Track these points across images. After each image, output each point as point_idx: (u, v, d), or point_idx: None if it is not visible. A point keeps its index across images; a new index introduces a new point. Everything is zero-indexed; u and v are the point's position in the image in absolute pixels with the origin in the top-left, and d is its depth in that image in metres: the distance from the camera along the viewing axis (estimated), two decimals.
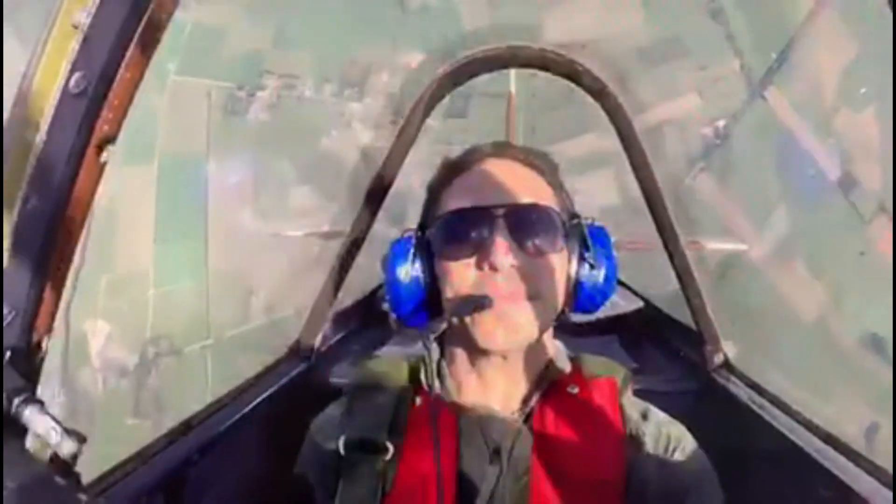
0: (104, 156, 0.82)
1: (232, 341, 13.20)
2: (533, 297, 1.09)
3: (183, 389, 12.91)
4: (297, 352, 2.06)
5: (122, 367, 13.07)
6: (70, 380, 12.68)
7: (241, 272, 13.68)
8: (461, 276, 1.10)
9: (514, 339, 1.09)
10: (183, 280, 13.77)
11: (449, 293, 1.12)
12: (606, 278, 1.17)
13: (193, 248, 13.86)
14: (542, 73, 1.61)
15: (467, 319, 1.08)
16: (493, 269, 1.07)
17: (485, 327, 1.07)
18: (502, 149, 1.23)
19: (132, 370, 13.07)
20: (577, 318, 1.22)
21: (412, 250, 1.17)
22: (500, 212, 1.10)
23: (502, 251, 1.06)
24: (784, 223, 13.05)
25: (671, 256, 1.87)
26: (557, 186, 1.22)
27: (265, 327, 12.92)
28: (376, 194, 1.80)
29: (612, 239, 1.21)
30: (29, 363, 0.82)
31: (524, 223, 1.11)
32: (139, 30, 0.78)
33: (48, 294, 0.83)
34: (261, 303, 13.41)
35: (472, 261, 1.09)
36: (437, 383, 1.18)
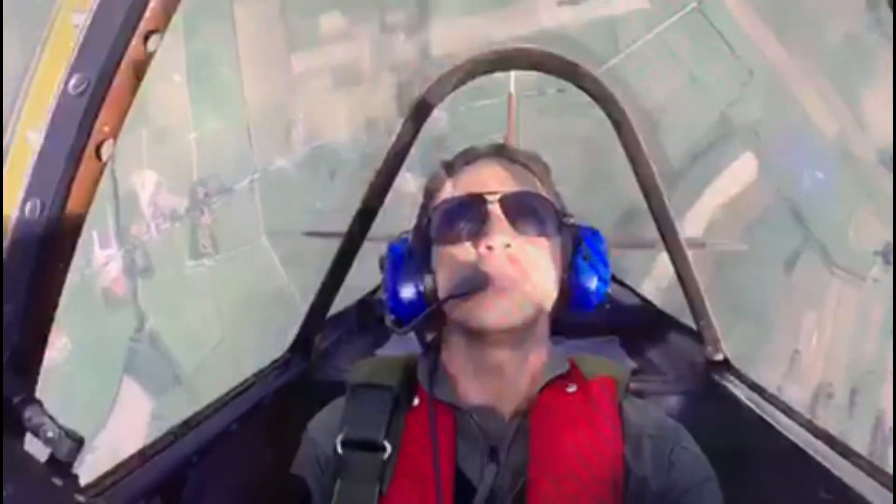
0: (104, 155, 0.83)
1: (277, 173, 13.04)
2: (527, 277, 1.10)
3: (237, 226, 12.84)
4: (296, 352, 2.06)
5: (173, 210, 12.98)
6: (124, 234, 12.68)
7: (279, 105, 13.39)
8: (458, 258, 1.12)
9: (509, 317, 1.09)
10: (222, 119, 13.47)
11: (446, 276, 1.13)
12: (599, 278, 1.18)
13: (228, 85, 13.48)
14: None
15: (463, 304, 1.09)
16: (490, 248, 1.08)
17: (481, 305, 1.08)
18: (498, 150, 1.25)
19: (184, 213, 13.00)
20: (576, 318, 1.22)
21: (409, 248, 1.20)
22: (496, 197, 1.13)
23: (498, 231, 1.09)
24: (809, 36, 12.51)
25: (671, 255, 1.87)
26: (550, 188, 1.24)
27: (308, 155, 12.76)
28: (376, 193, 1.80)
29: (609, 239, 1.23)
30: (29, 363, 0.82)
31: (519, 207, 1.13)
32: (139, 30, 0.78)
33: (48, 294, 0.83)
34: (301, 132, 13.17)
35: (469, 244, 1.11)
36: (434, 383, 1.19)
